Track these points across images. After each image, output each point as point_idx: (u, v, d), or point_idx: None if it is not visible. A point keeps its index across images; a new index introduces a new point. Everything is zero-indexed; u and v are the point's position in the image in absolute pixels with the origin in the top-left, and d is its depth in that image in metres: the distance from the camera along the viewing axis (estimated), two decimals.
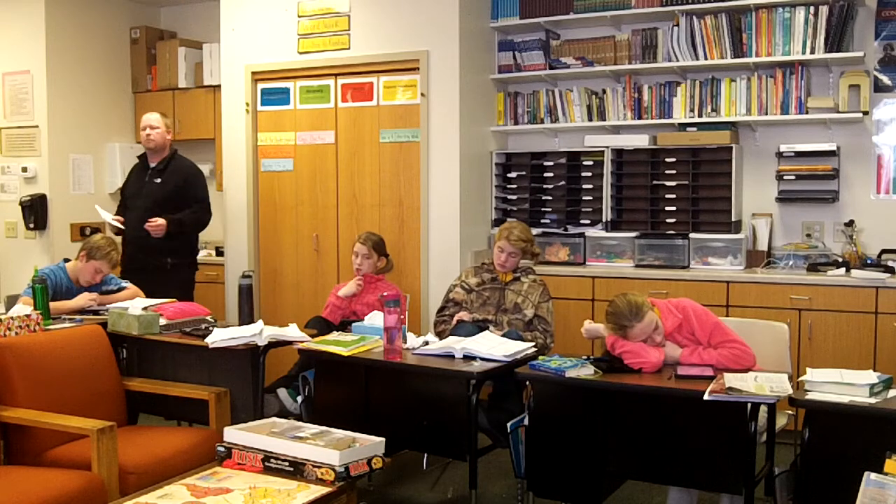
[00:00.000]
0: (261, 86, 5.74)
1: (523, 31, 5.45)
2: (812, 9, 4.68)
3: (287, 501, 2.35)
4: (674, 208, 5.02)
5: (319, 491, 2.42)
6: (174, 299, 4.28)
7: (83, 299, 4.25)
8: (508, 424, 3.31)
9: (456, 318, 4.16)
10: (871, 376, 2.79)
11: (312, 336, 3.86)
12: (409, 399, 3.51)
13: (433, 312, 4.62)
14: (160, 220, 4.93)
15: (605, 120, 5.28)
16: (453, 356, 3.47)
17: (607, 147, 5.18)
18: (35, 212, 6.24)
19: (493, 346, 3.51)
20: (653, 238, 5.05)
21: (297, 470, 2.52)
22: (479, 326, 4.00)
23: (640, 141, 5.14)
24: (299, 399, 3.96)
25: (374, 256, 4.64)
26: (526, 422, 3.23)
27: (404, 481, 4.17)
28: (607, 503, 3.24)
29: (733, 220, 4.88)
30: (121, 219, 5.12)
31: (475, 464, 3.34)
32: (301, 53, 5.55)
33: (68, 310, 4.15)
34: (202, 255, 6.57)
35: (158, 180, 5.10)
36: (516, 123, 5.53)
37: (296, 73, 5.59)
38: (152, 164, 5.15)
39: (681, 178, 4.99)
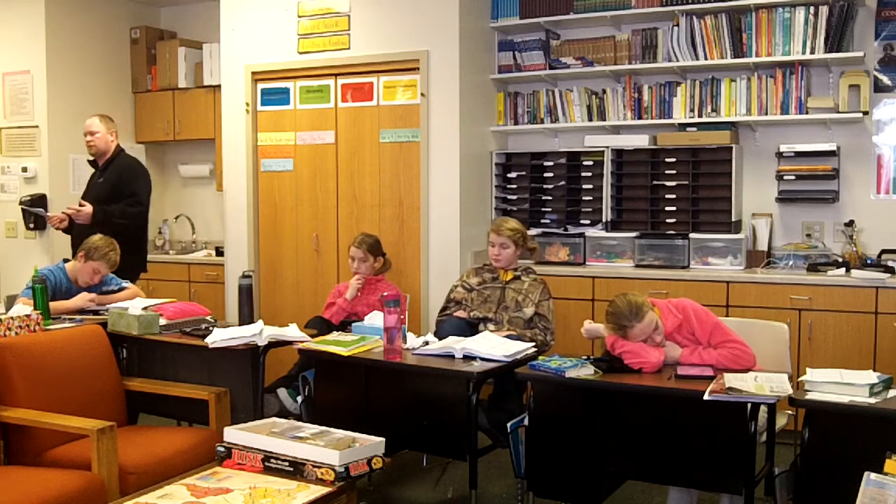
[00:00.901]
0: (261, 86, 5.74)
1: (523, 31, 5.45)
2: (812, 9, 4.68)
3: (287, 501, 2.35)
4: (674, 208, 5.02)
5: (319, 491, 2.42)
6: None
7: (82, 299, 4.25)
8: (508, 424, 3.31)
9: (453, 317, 4.17)
10: (871, 376, 2.78)
11: (312, 336, 3.86)
12: (409, 399, 3.51)
13: (433, 312, 4.62)
14: (86, 207, 4.95)
15: (605, 120, 5.28)
16: (453, 356, 3.47)
17: (607, 147, 5.18)
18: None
19: (494, 346, 3.51)
20: (653, 238, 5.04)
21: (297, 470, 2.52)
22: (471, 325, 4.01)
23: (640, 141, 5.14)
24: (299, 399, 3.96)
25: (369, 259, 4.65)
26: (526, 422, 3.23)
27: (404, 481, 4.17)
28: (607, 503, 3.24)
29: (733, 220, 4.87)
30: (57, 215, 5.13)
31: (475, 464, 3.33)
32: (301, 53, 5.54)
33: (67, 310, 4.15)
34: (202, 255, 6.59)
35: (101, 179, 5.17)
36: (516, 123, 5.53)
37: (296, 73, 5.59)
38: (100, 166, 5.23)
39: (681, 178, 4.98)
